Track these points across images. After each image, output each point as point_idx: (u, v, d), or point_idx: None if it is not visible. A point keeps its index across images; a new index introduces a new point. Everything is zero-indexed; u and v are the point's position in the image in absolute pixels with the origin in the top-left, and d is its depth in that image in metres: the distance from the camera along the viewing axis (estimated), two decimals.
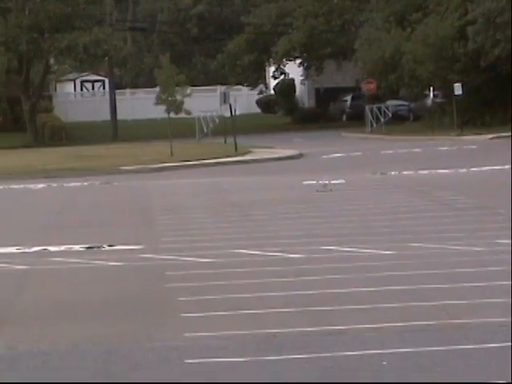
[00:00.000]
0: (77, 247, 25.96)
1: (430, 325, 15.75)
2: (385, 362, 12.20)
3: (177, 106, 73.51)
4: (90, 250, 25.38)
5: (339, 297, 18.94)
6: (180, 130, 76.76)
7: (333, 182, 40.13)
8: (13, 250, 26.17)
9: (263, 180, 46.37)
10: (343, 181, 40.27)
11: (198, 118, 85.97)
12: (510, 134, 69.44)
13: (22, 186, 50.30)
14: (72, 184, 49.84)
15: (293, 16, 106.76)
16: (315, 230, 27.92)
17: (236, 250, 23.65)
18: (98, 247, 25.83)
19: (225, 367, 13.58)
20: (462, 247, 23.13)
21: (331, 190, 37.74)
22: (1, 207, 43.76)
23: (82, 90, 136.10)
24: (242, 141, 70.22)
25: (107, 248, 25.62)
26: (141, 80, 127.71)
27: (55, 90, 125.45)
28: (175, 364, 13.98)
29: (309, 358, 13.20)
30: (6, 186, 50.98)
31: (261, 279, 20.14)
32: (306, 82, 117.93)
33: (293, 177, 45.07)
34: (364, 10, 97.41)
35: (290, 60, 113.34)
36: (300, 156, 61.23)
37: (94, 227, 30.71)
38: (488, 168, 44.71)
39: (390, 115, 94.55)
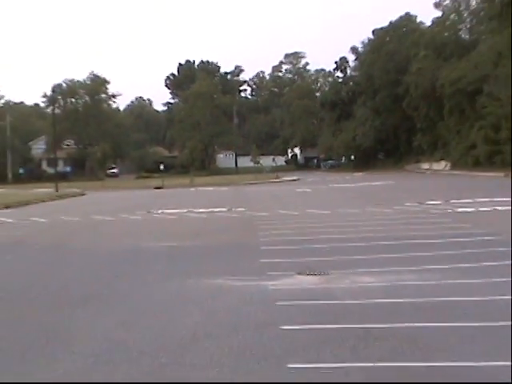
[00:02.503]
0: (223, 209, 25.08)
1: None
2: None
3: (257, 162, 73.34)
4: (228, 210, 24.52)
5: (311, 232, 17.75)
6: (257, 170, 73.90)
7: (306, 190, 39.26)
8: (201, 210, 25.08)
9: (285, 188, 44.27)
10: (310, 189, 39.39)
11: (265, 166, 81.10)
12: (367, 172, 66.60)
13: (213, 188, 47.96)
14: (224, 188, 47.29)
15: (296, 132, 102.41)
16: (303, 201, 26.20)
17: (278, 211, 22.75)
18: (230, 209, 24.83)
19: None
20: (352, 210, 21.83)
21: (306, 191, 36.75)
22: (203, 195, 39.10)
23: (226, 156, 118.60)
24: (280, 174, 68.54)
25: (234, 209, 24.65)
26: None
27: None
28: (255, 249, 13.51)
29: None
30: (206, 189, 48.24)
31: (285, 220, 19.23)
32: (301, 154, 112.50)
33: (294, 187, 44.05)
34: (321, 130, 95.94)
35: (295, 147, 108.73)
36: (298, 180, 58.17)
37: (229, 202, 29.16)
38: (366, 183, 42.61)
39: (329, 166, 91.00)
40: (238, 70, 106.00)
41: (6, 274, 12.07)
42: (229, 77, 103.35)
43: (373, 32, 79.02)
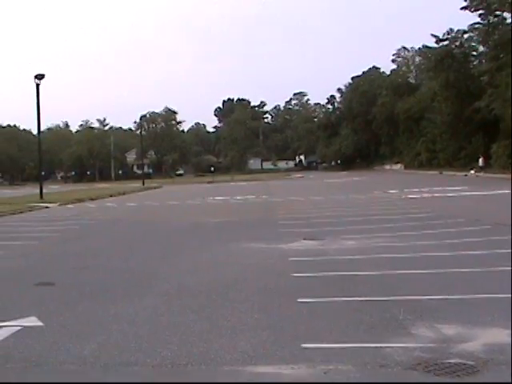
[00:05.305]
0: (253, 196, 23.74)
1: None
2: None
3: (275, 165, 70.35)
4: (256, 197, 22.84)
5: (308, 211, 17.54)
6: (275, 171, 69.96)
7: (308, 183, 37.82)
8: (238, 197, 23.95)
9: (294, 182, 41.58)
10: (311, 183, 38.17)
11: (281, 167, 77.48)
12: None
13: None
14: (253, 182, 42.85)
15: (302, 145, 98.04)
16: (306, 191, 24.33)
17: (289, 198, 21.47)
18: (257, 196, 22.80)
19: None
20: (341, 196, 21.22)
21: (308, 184, 34.62)
22: (239, 188, 35.49)
23: (254, 161, 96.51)
24: (290, 173, 66.44)
25: (260, 197, 23.31)
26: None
27: None
28: (275, 223, 13.10)
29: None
30: (241, 183, 45.75)
31: (294, 204, 18.42)
32: (305, 159, 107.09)
33: (300, 182, 41.35)
34: (318, 143, 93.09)
35: (301, 155, 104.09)
36: (303, 177, 53.81)
37: (256, 192, 27.23)
38: (348, 179, 40.08)
39: (324, 167, 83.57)
40: (262, 104, 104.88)
41: (109, 237, 12.11)
42: (256, 109, 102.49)
43: (352, 78, 78.52)
